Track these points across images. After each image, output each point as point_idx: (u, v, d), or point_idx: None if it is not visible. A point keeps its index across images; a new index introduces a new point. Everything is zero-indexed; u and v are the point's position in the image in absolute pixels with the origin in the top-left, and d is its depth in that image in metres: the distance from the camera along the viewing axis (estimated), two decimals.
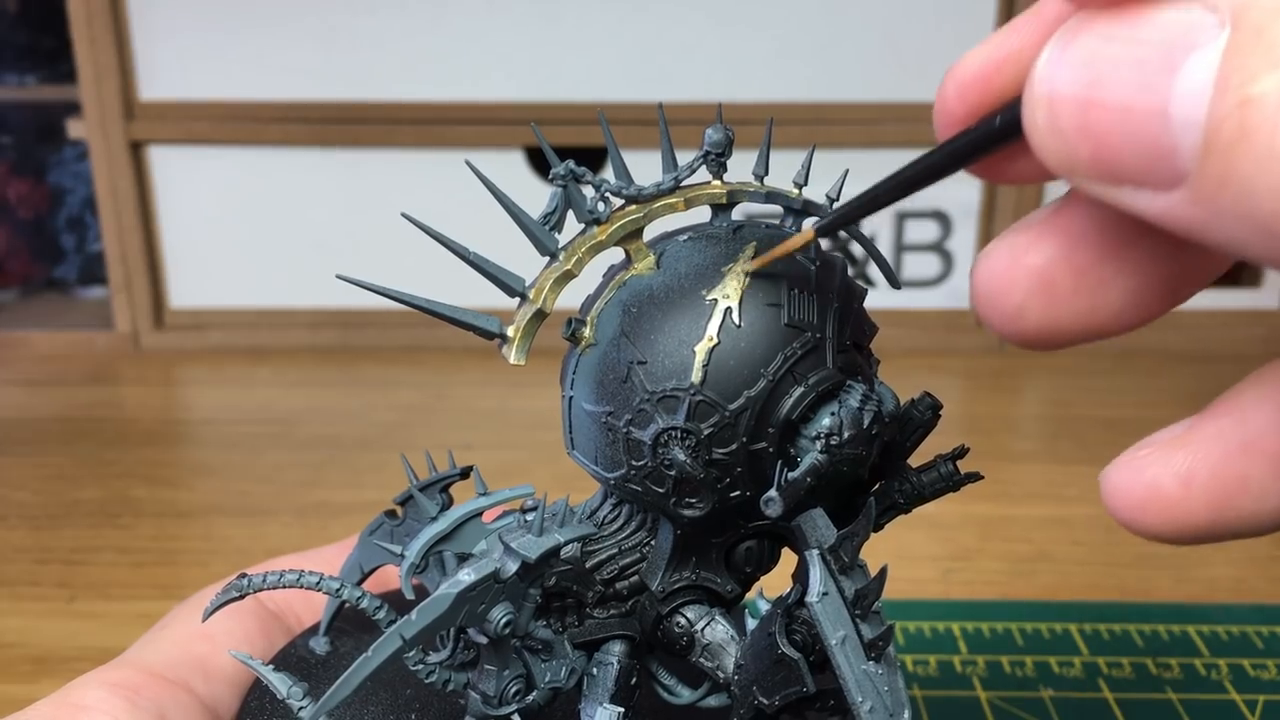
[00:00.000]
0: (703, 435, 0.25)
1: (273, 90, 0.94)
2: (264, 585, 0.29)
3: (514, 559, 0.26)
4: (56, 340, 1.00)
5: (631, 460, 0.26)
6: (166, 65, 0.94)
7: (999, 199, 0.95)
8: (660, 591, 0.28)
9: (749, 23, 0.92)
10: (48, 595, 0.60)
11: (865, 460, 0.26)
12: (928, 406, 0.29)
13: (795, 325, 0.26)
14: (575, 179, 0.27)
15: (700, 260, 0.27)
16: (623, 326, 0.26)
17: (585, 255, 0.27)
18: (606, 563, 0.29)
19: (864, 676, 0.25)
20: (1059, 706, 0.49)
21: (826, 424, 0.25)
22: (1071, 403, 0.88)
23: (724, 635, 0.28)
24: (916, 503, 0.29)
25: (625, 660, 0.29)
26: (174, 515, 0.69)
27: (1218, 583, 0.61)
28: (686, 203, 0.28)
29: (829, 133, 0.93)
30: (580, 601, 0.29)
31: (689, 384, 0.25)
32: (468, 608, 0.25)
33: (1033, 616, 0.56)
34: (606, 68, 0.93)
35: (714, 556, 0.29)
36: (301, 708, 0.28)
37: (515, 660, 0.28)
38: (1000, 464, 0.76)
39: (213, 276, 1.00)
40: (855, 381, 0.26)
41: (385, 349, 0.99)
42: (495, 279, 0.27)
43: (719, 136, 0.27)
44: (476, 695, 0.28)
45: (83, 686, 0.31)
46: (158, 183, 0.97)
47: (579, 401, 0.27)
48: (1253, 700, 0.50)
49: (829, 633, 0.25)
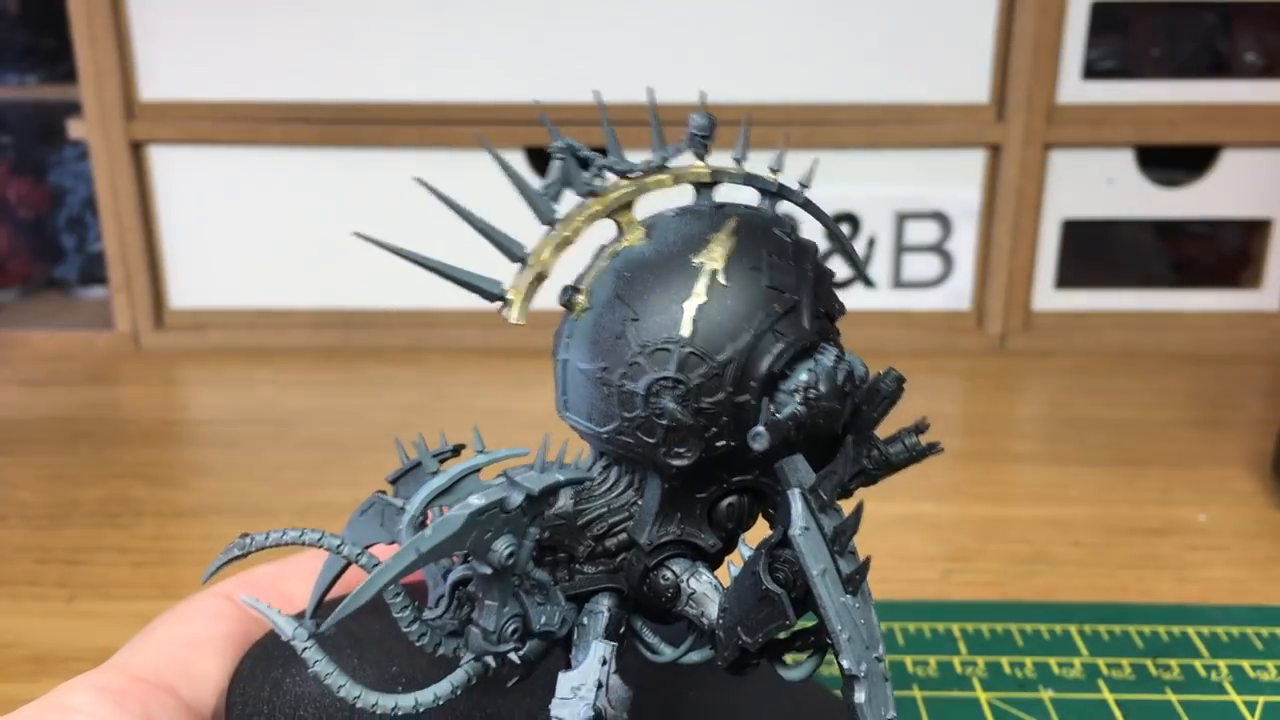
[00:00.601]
0: (692, 385, 0.28)
1: (273, 90, 0.94)
2: (266, 543, 0.30)
3: (519, 491, 0.27)
4: (56, 340, 1.00)
5: (624, 412, 0.29)
6: (167, 65, 0.94)
7: (999, 200, 0.95)
8: (647, 545, 0.30)
9: (749, 23, 0.92)
10: (47, 595, 0.60)
11: (839, 415, 0.29)
12: (893, 379, 0.31)
13: (775, 287, 0.28)
14: (573, 153, 0.29)
15: (688, 230, 0.29)
16: (616, 289, 0.29)
17: (582, 224, 0.30)
18: (596, 521, 0.31)
19: (842, 608, 0.27)
20: (1059, 707, 0.49)
21: (804, 378, 0.28)
22: (1071, 403, 0.88)
23: (708, 584, 0.30)
24: (885, 471, 0.31)
25: (614, 610, 0.31)
26: (174, 515, 0.69)
27: (1217, 584, 0.61)
28: (675, 179, 0.31)
29: (829, 133, 0.93)
30: (571, 556, 0.31)
31: (679, 337, 0.28)
32: (475, 533, 0.27)
33: (1032, 617, 0.56)
34: (606, 68, 0.93)
35: (698, 512, 0.31)
36: (305, 648, 0.29)
37: (513, 600, 0.29)
38: (1000, 464, 0.76)
39: (213, 276, 1.00)
40: (828, 344, 0.29)
41: (385, 349, 0.99)
42: (498, 243, 0.29)
43: (703, 120, 0.31)
44: (477, 631, 0.29)
45: (69, 690, 0.32)
46: (158, 183, 0.97)
47: (573, 363, 0.30)
48: (1252, 701, 0.50)
49: (811, 565, 0.27)
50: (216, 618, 0.36)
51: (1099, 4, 0.92)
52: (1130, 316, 0.99)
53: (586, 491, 0.31)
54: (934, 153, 0.95)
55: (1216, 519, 0.68)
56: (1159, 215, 0.98)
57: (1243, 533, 0.67)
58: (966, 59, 0.93)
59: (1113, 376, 0.93)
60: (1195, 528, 0.67)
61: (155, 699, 0.33)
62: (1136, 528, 0.67)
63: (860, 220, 0.96)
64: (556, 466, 0.29)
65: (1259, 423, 0.82)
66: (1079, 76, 0.93)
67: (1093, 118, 0.94)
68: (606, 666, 0.29)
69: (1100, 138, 0.94)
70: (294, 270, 0.99)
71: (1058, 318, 0.99)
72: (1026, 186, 0.95)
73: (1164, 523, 0.68)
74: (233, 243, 0.99)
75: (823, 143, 0.93)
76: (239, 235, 0.98)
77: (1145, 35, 0.96)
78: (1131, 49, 0.96)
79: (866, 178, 0.95)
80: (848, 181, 0.95)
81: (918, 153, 0.95)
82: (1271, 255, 0.98)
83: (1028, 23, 0.91)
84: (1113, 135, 0.94)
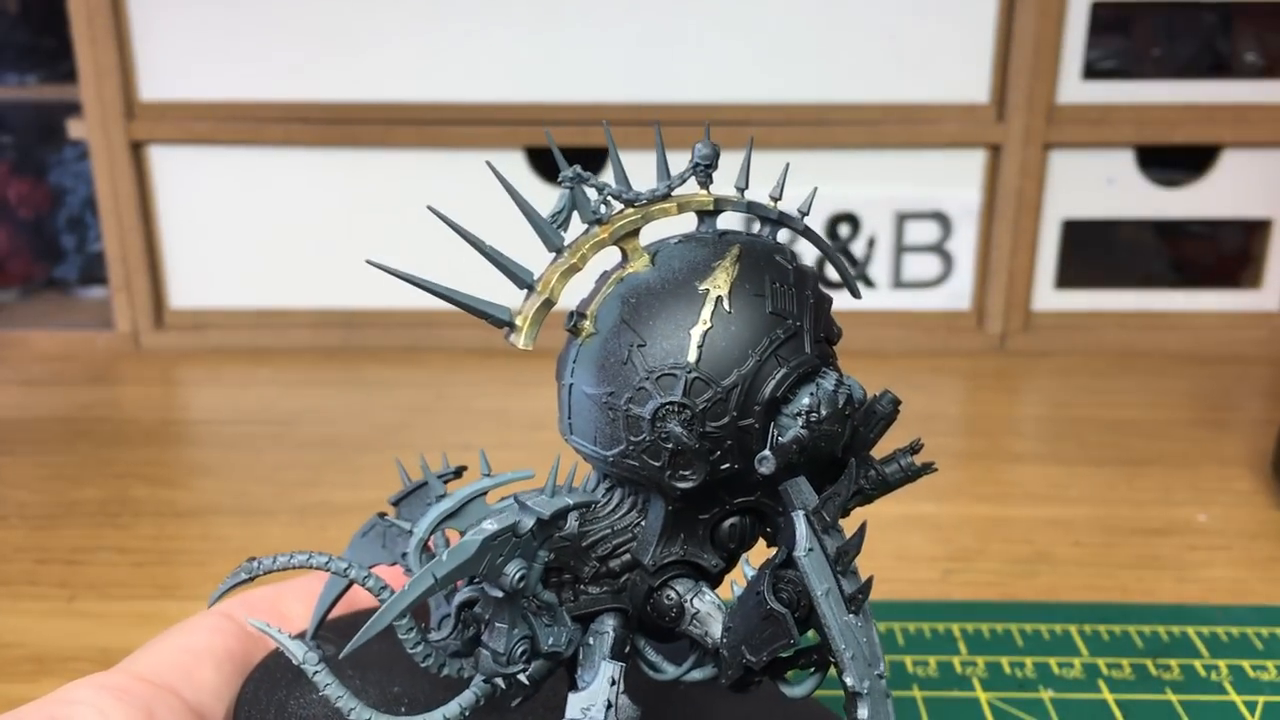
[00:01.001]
0: (698, 409, 0.28)
1: (273, 90, 0.94)
2: (273, 567, 0.30)
3: (529, 515, 0.28)
4: (56, 340, 1.00)
5: (630, 436, 0.29)
6: (167, 65, 0.94)
7: (999, 200, 0.95)
8: (651, 565, 0.31)
9: (749, 23, 0.92)
10: (47, 595, 0.60)
11: (840, 438, 0.30)
12: (889, 401, 0.31)
13: (778, 314, 0.29)
14: (581, 182, 0.30)
15: (692, 258, 0.30)
16: (622, 315, 0.29)
17: (589, 251, 0.30)
18: (600, 542, 0.31)
19: (846, 627, 0.27)
20: (1059, 707, 0.49)
21: (806, 402, 0.29)
22: (1072, 403, 0.88)
23: (711, 604, 0.31)
24: (881, 491, 0.32)
25: (619, 630, 0.31)
26: (174, 515, 0.70)
27: (1217, 584, 0.61)
28: (679, 207, 0.31)
29: (829, 133, 0.93)
30: (576, 577, 0.31)
31: (685, 363, 0.28)
32: (489, 557, 0.27)
33: (1032, 617, 0.56)
34: (606, 68, 0.93)
35: (700, 533, 0.31)
36: (316, 672, 0.29)
37: (522, 622, 0.29)
38: (1000, 464, 0.76)
39: (213, 276, 1.00)
40: (828, 369, 0.30)
41: (385, 349, 0.99)
42: (506, 270, 0.29)
43: (707, 150, 0.31)
44: (486, 653, 0.29)
45: (73, 687, 0.33)
46: (158, 183, 0.97)
47: (579, 387, 0.30)
48: (1252, 701, 0.50)
49: (815, 585, 0.27)
50: (216, 632, 0.37)
51: (1099, 4, 0.92)
52: (1130, 317, 0.99)
53: (591, 513, 0.31)
54: (934, 153, 0.95)
55: (1217, 519, 0.68)
56: (1159, 215, 0.98)
57: (1243, 533, 0.67)
58: (966, 59, 0.93)
59: (1113, 376, 0.93)
60: (1195, 528, 0.67)
61: (158, 697, 0.33)
62: (1137, 528, 0.67)
63: (860, 220, 0.96)
64: (566, 490, 0.30)
65: (1259, 423, 0.82)
66: (1079, 76, 0.93)
67: (1093, 118, 0.94)
68: (615, 686, 0.30)
69: (1100, 138, 0.94)
70: (294, 270, 0.99)
71: (1058, 318, 0.99)
72: (1026, 186, 0.95)
73: (1164, 523, 0.68)
74: (233, 243, 0.99)
75: (823, 143, 0.93)
76: (239, 235, 0.99)
77: (1145, 35, 0.96)
78: (1131, 49, 0.96)
79: (866, 178, 0.95)
80: (848, 181, 0.95)
81: (918, 153, 0.95)
82: (1271, 255, 0.98)
83: (1028, 23, 0.91)
84: (1113, 135, 0.94)
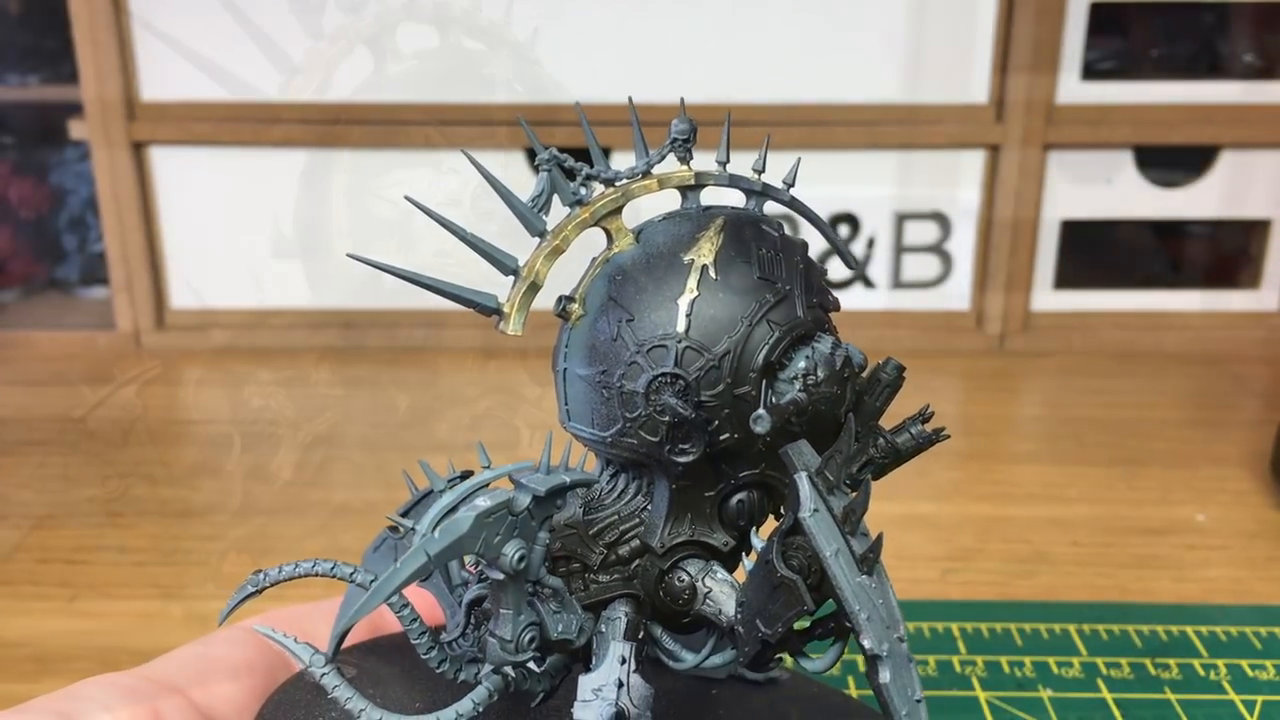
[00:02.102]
0: (691, 379, 0.28)
1: (273, 90, 0.94)
2: (279, 577, 0.30)
3: (525, 493, 0.28)
4: (58, 340, 1.00)
5: (626, 413, 0.29)
6: (167, 65, 0.94)
7: (999, 201, 0.95)
8: (660, 547, 0.30)
9: (750, 23, 0.92)
10: (49, 595, 0.61)
11: (840, 401, 0.29)
12: (894, 368, 0.31)
13: (766, 278, 0.29)
14: (559, 164, 0.30)
15: (676, 231, 0.30)
16: (609, 293, 0.29)
17: (571, 233, 0.30)
18: (607, 529, 0.31)
19: (859, 588, 0.26)
20: (1058, 707, 0.49)
21: (802, 366, 0.28)
22: (1071, 403, 0.88)
23: (724, 582, 0.30)
24: (894, 461, 0.31)
25: (631, 615, 0.31)
26: (175, 515, 0.70)
27: (1216, 584, 0.61)
28: (659, 184, 0.31)
29: (829, 133, 0.93)
30: (585, 565, 0.31)
31: (675, 333, 0.28)
32: (484, 535, 0.27)
33: (1032, 617, 0.56)
34: (607, 68, 0.93)
35: (708, 511, 0.31)
36: (323, 674, 0.29)
37: (528, 608, 0.29)
38: (1000, 464, 0.76)
39: (214, 276, 1.00)
40: (824, 333, 0.29)
41: (385, 349, 0.99)
42: (490, 257, 0.29)
43: (684, 125, 0.31)
44: (494, 641, 0.29)
45: (81, 685, 0.33)
46: (159, 183, 0.97)
47: (573, 370, 0.30)
48: (1251, 701, 0.50)
49: (823, 546, 0.27)
50: (234, 644, 0.37)
51: (1098, 4, 0.92)
52: (1129, 316, 0.99)
53: (596, 500, 0.31)
54: (933, 153, 0.95)
55: (1215, 519, 0.69)
56: (1158, 215, 0.98)
57: (1241, 532, 0.67)
58: (966, 59, 0.93)
59: (1112, 376, 0.93)
60: (1194, 527, 0.67)
61: (166, 698, 0.33)
62: (1136, 527, 0.67)
63: (860, 221, 0.96)
64: (562, 469, 0.30)
65: (1258, 423, 0.82)
66: (1078, 77, 0.93)
67: (1092, 118, 0.94)
68: (626, 665, 0.29)
69: (1099, 138, 0.94)
70: (294, 270, 0.99)
71: (1057, 318, 0.99)
72: (1026, 187, 0.95)
73: (1163, 522, 0.68)
74: (233, 243, 0.99)
75: (822, 143, 0.93)
76: (239, 235, 0.99)
77: (1144, 36, 0.96)
78: (1130, 50, 0.97)
79: (866, 178, 0.95)
80: (847, 182, 0.95)
81: (917, 153, 0.95)
82: (1270, 255, 0.98)
83: (1027, 23, 0.91)
84: (1111, 136, 0.94)
